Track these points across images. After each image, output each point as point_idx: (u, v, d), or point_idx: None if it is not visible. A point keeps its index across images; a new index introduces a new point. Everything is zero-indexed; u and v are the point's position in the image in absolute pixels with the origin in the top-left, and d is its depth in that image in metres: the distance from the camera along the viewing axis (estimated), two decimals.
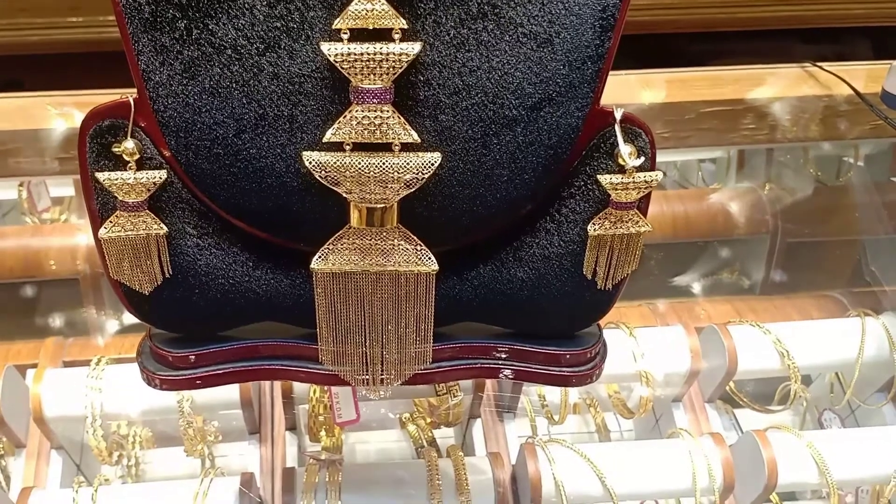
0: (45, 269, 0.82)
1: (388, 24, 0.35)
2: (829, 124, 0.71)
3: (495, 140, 0.38)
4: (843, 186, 0.88)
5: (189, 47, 0.36)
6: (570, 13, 0.36)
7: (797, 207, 0.87)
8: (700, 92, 0.69)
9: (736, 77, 0.71)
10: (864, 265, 0.82)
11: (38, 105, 0.68)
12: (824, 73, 0.71)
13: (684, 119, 0.69)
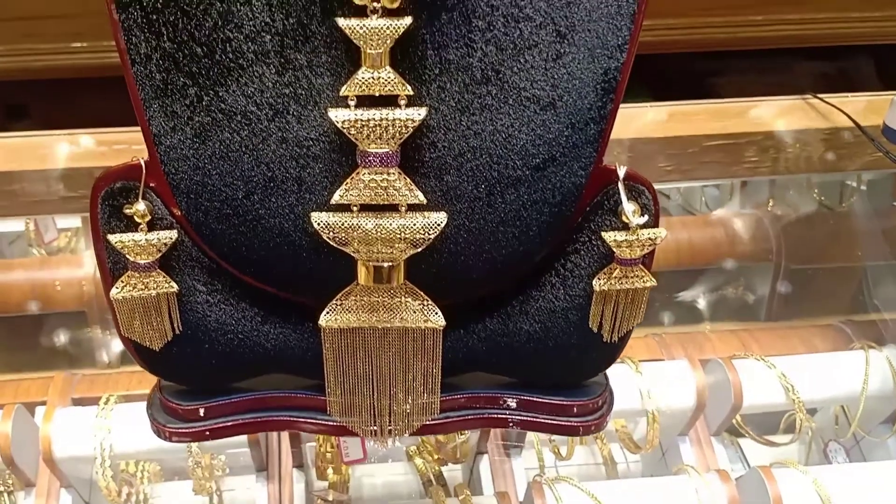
0: (53, 302, 0.83)
1: (394, 90, 0.35)
2: (832, 156, 0.71)
3: (500, 199, 0.38)
4: (847, 212, 0.89)
5: (200, 113, 0.37)
6: (572, 77, 0.37)
7: (801, 233, 0.87)
8: (702, 125, 0.69)
9: (738, 110, 0.71)
10: (867, 292, 0.83)
11: (45, 143, 0.69)
12: (825, 104, 0.71)
13: (687, 153, 0.69)
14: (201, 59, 0.36)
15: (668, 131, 0.68)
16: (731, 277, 0.89)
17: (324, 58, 0.36)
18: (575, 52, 0.36)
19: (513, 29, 0.36)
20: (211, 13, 0.35)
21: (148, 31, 0.36)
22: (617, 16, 0.36)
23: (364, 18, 0.34)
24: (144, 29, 0.36)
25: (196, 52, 0.36)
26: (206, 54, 0.36)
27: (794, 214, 0.89)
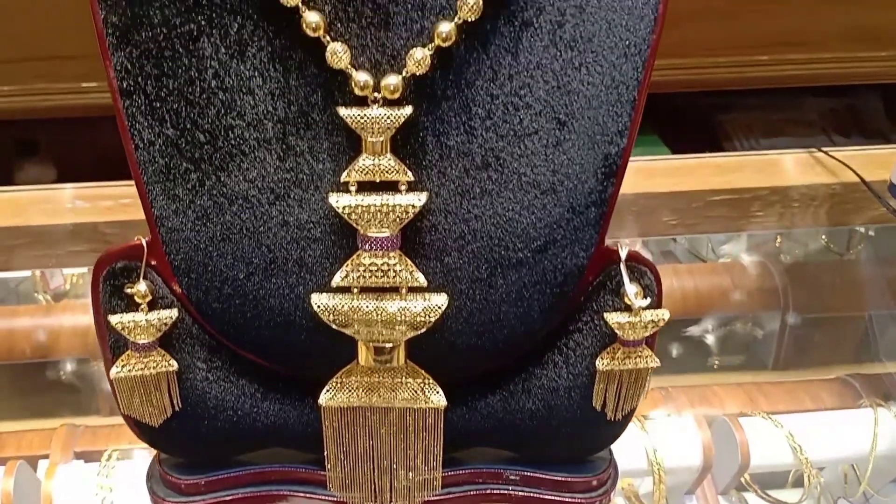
0: (57, 350, 0.83)
1: (395, 177, 0.36)
2: (838, 211, 0.71)
3: (501, 280, 0.38)
4: (855, 259, 0.88)
5: (202, 197, 0.37)
6: (572, 163, 0.37)
7: (809, 281, 0.86)
8: (707, 180, 0.69)
9: (743, 164, 0.71)
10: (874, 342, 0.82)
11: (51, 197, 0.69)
12: (831, 158, 0.71)
13: (692, 207, 0.69)
14: (204, 145, 0.36)
15: (673, 186, 0.68)
16: (738, 325, 0.88)
17: (325, 144, 0.36)
18: (575, 138, 0.36)
19: (513, 116, 0.36)
20: (214, 102, 0.35)
21: (151, 118, 0.36)
22: (617, 103, 0.36)
23: (365, 108, 0.35)
24: (148, 116, 0.36)
25: (199, 139, 0.36)
26: (209, 141, 0.36)
27: (802, 262, 0.89)
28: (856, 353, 0.88)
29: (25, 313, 0.86)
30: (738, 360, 0.99)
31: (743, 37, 1.02)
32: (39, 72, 0.98)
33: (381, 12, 0.34)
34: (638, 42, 0.36)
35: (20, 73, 0.97)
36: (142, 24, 0.35)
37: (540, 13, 0.35)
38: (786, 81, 1.10)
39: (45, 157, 1.15)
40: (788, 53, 1.06)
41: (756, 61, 1.08)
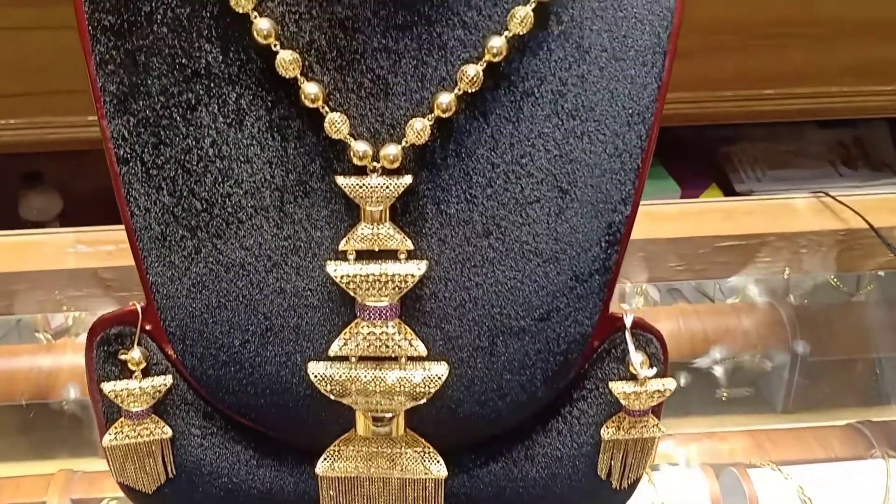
0: (56, 392, 0.82)
1: (394, 245, 0.35)
2: (846, 256, 0.70)
3: (503, 349, 0.37)
4: (864, 301, 0.87)
5: (197, 265, 0.36)
6: (575, 231, 0.36)
7: (818, 323, 0.85)
8: (714, 226, 0.68)
9: (750, 209, 0.71)
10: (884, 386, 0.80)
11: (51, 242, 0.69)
12: (839, 203, 0.70)
13: (698, 253, 0.68)
14: (200, 212, 0.35)
15: (680, 231, 0.67)
16: (747, 357, 0.87)
17: (323, 212, 0.35)
18: (577, 207, 0.36)
19: (514, 185, 0.35)
20: (211, 170, 0.35)
21: (148, 185, 0.36)
22: (620, 172, 0.35)
23: (364, 177, 0.34)
24: (144, 183, 0.36)
25: (195, 207, 0.35)
26: (206, 208, 0.35)
27: (811, 303, 0.87)
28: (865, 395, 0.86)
29: (25, 352, 0.85)
30: (747, 391, 0.98)
31: (749, 71, 1.02)
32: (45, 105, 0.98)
33: (380, 83, 0.34)
34: (641, 110, 0.35)
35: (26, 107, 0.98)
36: (140, 92, 0.34)
37: (541, 83, 0.34)
38: (793, 115, 1.10)
39: (49, 188, 1.15)
40: (795, 87, 1.05)
41: (763, 95, 1.07)
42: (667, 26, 0.34)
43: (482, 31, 0.33)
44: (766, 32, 0.99)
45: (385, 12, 0.33)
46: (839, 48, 1.01)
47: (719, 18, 0.96)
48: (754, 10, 0.97)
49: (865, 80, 1.05)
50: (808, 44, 1.00)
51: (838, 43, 1.00)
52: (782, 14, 0.98)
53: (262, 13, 0.33)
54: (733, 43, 0.98)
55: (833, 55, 1.01)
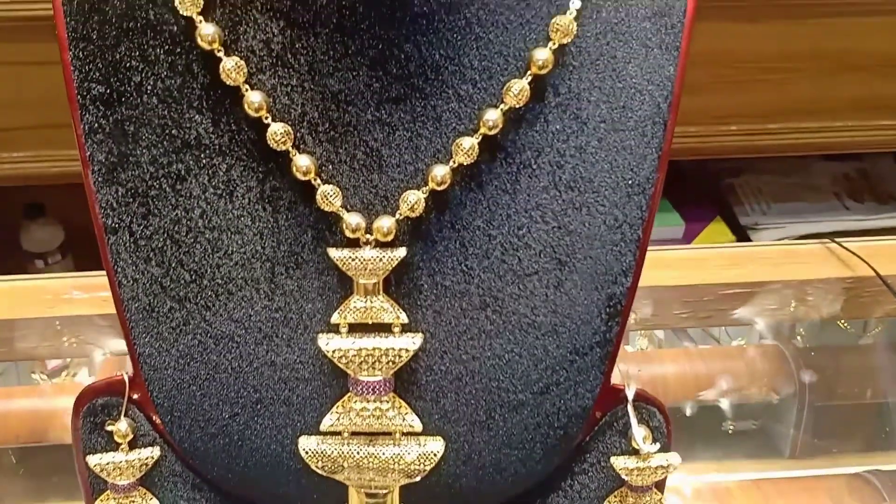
0: (51, 434, 0.81)
1: (388, 319, 0.34)
2: (853, 304, 0.68)
3: (501, 423, 0.36)
4: (873, 344, 0.85)
5: (186, 336, 0.35)
6: (574, 304, 0.35)
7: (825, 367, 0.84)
8: (719, 273, 0.67)
9: (756, 256, 0.69)
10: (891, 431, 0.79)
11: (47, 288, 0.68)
12: (846, 250, 0.69)
13: (703, 300, 0.67)
14: (189, 284, 0.35)
15: (685, 278, 0.66)
16: (752, 412, 0.85)
17: (315, 283, 0.34)
18: (577, 279, 0.35)
19: (511, 257, 0.34)
20: (200, 241, 0.34)
21: (136, 255, 0.35)
22: (620, 243, 0.35)
23: (357, 249, 0.33)
24: (132, 253, 0.35)
25: (184, 278, 0.35)
26: (195, 280, 0.35)
27: (818, 345, 0.86)
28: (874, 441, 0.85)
29: (20, 394, 0.84)
30: (753, 424, 0.96)
31: (753, 105, 1.01)
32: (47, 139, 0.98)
33: (373, 155, 0.33)
34: (641, 181, 0.34)
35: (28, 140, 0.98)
36: (129, 162, 0.34)
37: (539, 154, 0.33)
38: (798, 150, 1.09)
39: (51, 220, 1.15)
40: (800, 122, 1.05)
41: (767, 129, 1.06)
42: (667, 96, 0.34)
43: (477, 104, 0.32)
44: (771, 66, 0.99)
45: (378, 85, 0.32)
46: (844, 82, 1.00)
47: (724, 52, 0.96)
48: (759, 44, 0.97)
49: (871, 115, 1.04)
50: (814, 78, 0.99)
51: (843, 77, 1.00)
52: (787, 48, 0.97)
53: (253, 86, 0.32)
54: (738, 77, 0.98)
55: (838, 89, 1.01)
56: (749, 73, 0.98)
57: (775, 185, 1.23)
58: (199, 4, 0.31)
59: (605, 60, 0.33)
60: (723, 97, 1.00)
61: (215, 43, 0.31)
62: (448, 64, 0.32)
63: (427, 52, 0.31)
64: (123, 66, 0.33)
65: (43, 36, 0.88)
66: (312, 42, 0.31)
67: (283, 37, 0.32)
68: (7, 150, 0.98)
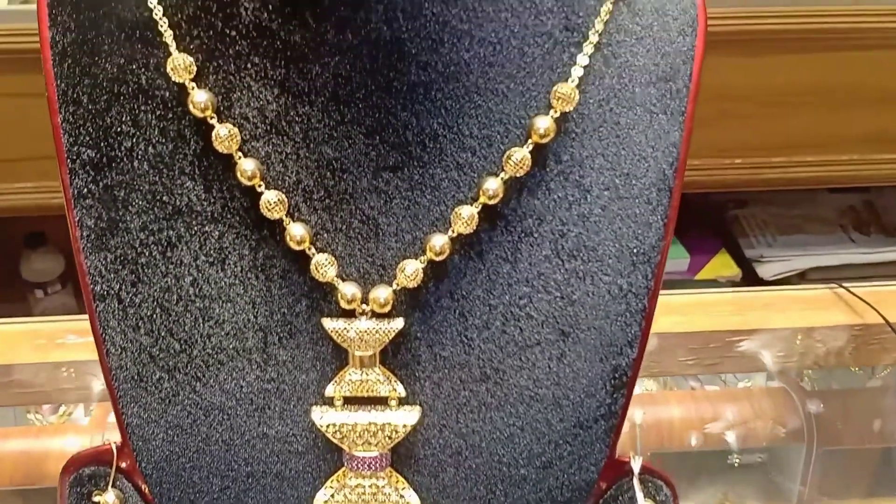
0: (46, 477, 0.79)
1: (384, 392, 0.33)
2: (863, 351, 0.67)
3: (502, 498, 0.35)
4: (882, 386, 0.84)
5: (175, 407, 0.34)
6: (578, 376, 0.34)
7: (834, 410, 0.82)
8: (725, 319, 0.66)
9: (763, 301, 0.68)
10: None
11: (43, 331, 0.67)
12: (854, 296, 0.68)
13: (709, 347, 0.66)
14: (178, 354, 0.33)
15: (690, 325, 0.65)
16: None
17: (309, 354, 0.33)
18: (580, 350, 0.33)
19: (512, 327, 0.33)
20: (191, 310, 0.33)
21: (125, 323, 0.34)
22: (625, 313, 0.33)
23: (352, 320, 0.32)
24: (121, 321, 0.34)
25: (173, 347, 0.33)
26: (184, 349, 0.33)
27: (827, 388, 0.84)
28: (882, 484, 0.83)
29: (16, 435, 0.83)
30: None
31: (757, 139, 1.01)
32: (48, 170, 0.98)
33: (370, 223, 0.32)
34: (647, 250, 0.33)
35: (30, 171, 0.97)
36: (118, 229, 0.33)
37: (540, 223, 0.32)
38: (802, 183, 1.08)
39: (51, 249, 1.14)
40: (804, 155, 1.04)
41: (771, 163, 1.06)
42: (672, 162, 0.33)
43: (477, 172, 0.31)
44: (776, 100, 0.98)
45: (375, 153, 0.31)
46: (849, 116, 1.00)
47: (728, 86, 0.95)
48: (764, 78, 0.96)
49: (876, 148, 1.04)
50: (818, 112, 0.99)
51: (848, 111, 0.99)
52: (792, 82, 0.97)
53: (246, 153, 0.31)
54: (742, 110, 0.97)
55: (843, 123, 1.00)
56: (754, 107, 0.97)
57: (780, 216, 1.22)
58: (191, 71, 0.31)
59: (609, 127, 0.32)
60: (727, 131, 0.99)
61: (208, 110, 0.31)
62: (447, 132, 0.31)
63: (425, 120, 0.30)
64: (114, 131, 0.32)
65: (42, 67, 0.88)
66: (307, 110, 0.31)
67: (278, 104, 0.31)
68: (8, 180, 0.98)
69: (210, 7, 0.30)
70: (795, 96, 0.98)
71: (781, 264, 1.16)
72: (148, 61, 0.31)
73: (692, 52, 0.33)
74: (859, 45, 0.95)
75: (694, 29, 0.33)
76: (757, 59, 0.94)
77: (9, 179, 0.97)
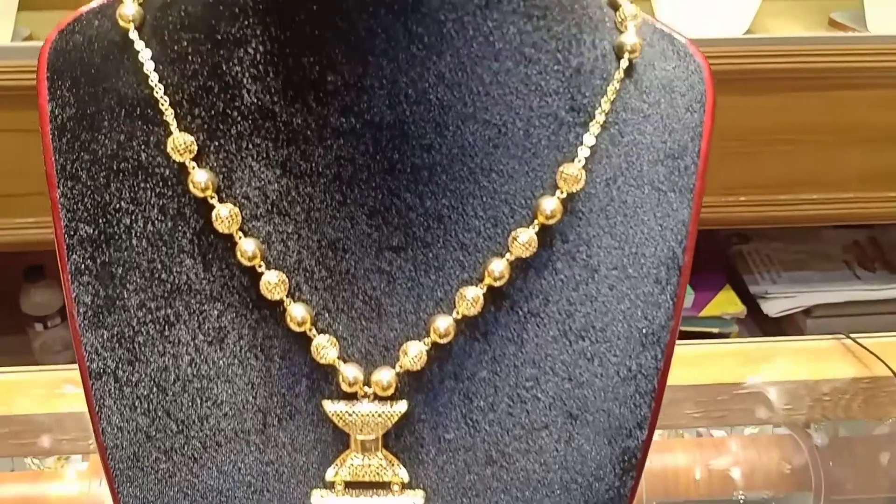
0: None
1: (387, 477, 0.32)
2: (871, 403, 0.66)
3: None
4: (890, 432, 0.82)
5: (171, 489, 0.33)
6: (586, 459, 0.33)
7: (842, 457, 0.81)
8: (732, 371, 0.65)
9: (769, 353, 0.67)
10: None
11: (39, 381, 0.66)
12: (861, 347, 0.67)
13: (716, 399, 0.65)
14: (176, 434, 0.33)
15: (697, 377, 0.64)
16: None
17: (309, 436, 0.32)
18: (589, 433, 0.32)
19: (519, 410, 0.32)
20: (188, 389, 0.32)
21: (121, 402, 0.33)
22: (635, 395, 0.33)
23: (354, 403, 0.31)
24: (117, 400, 0.33)
25: (170, 428, 0.33)
26: (181, 430, 0.33)
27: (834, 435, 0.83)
28: None
29: (13, 480, 0.82)
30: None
31: (761, 177, 1.00)
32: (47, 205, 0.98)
33: (372, 304, 0.31)
34: (656, 330, 0.32)
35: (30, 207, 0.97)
36: (115, 306, 0.32)
37: (547, 303, 0.31)
38: (806, 220, 1.08)
39: (51, 283, 1.14)
40: (808, 193, 1.04)
41: (775, 201, 1.05)
42: (681, 240, 0.32)
43: (482, 253, 0.31)
44: (779, 138, 0.98)
45: (378, 234, 0.30)
46: (852, 154, 0.99)
47: (731, 125, 0.95)
48: (767, 116, 0.96)
49: (879, 186, 1.03)
50: (821, 150, 0.98)
51: (851, 149, 0.99)
52: (795, 121, 0.97)
53: (247, 232, 0.31)
54: (746, 149, 0.97)
55: (846, 161, 1.00)
56: (757, 145, 0.97)
57: (785, 252, 1.22)
58: (192, 150, 0.30)
59: (616, 206, 0.31)
60: (731, 169, 0.99)
61: (208, 190, 0.30)
62: (451, 213, 0.30)
63: (429, 201, 0.30)
64: (113, 208, 0.31)
65: None
66: (310, 191, 0.30)
67: (279, 185, 0.30)
68: (9, 216, 0.98)
69: (212, 87, 0.30)
70: (798, 134, 0.97)
71: (787, 301, 1.15)
72: (148, 139, 0.31)
73: (700, 128, 0.32)
74: (861, 84, 0.95)
75: (702, 104, 0.32)
76: (760, 99, 0.94)
77: (9, 215, 0.97)
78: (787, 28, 1.07)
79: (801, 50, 0.90)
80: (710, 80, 0.33)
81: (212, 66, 0.29)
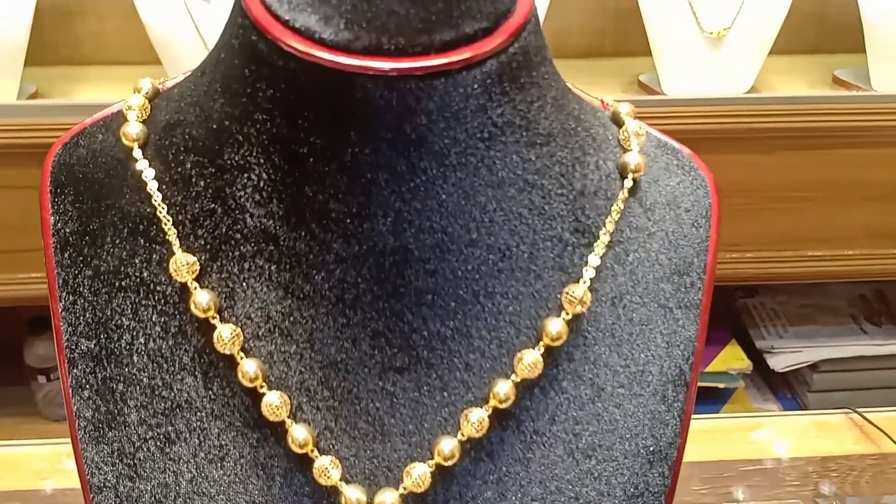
0: None
1: None
2: (880, 479, 0.65)
3: None
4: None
5: None
6: None
7: None
8: (740, 447, 0.64)
9: (776, 429, 0.66)
10: None
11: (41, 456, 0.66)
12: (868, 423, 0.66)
13: (723, 476, 0.64)
14: None
15: (704, 454, 0.63)
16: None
17: None
18: None
19: None
20: None
21: None
22: None
23: None
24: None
25: None
26: None
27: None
28: None
29: None
30: None
31: (766, 233, 1.00)
32: None
33: (376, 424, 0.31)
34: (663, 448, 0.32)
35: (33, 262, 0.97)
36: (116, 422, 0.32)
37: (553, 423, 0.31)
38: (812, 277, 1.07)
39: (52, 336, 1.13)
40: (814, 249, 1.03)
41: (781, 257, 1.05)
42: (688, 357, 0.32)
43: (487, 374, 0.30)
44: (785, 196, 0.98)
45: (381, 356, 0.30)
46: (857, 211, 0.99)
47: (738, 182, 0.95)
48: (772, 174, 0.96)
49: (884, 243, 1.03)
50: (827, 207, 0.98)
51: (856, 206, 0.99)
52: (800, 178, 0.97)
53: (248, 352, 0.30)
54: (752, 205, 0.97)
55: (851, 218, 1.00)
56: (763, 203, 0.97)
57: (791, 305, 1.21)
58: (194, 271, 0.30)
59: (622, 324, 0.31)
60: (737, 226, 0.99)
61: (210, 311, 0.30)
62: (455, 335, 0.30)
63: (433, 324, 0.30)
64: (114, 324, 0.31)
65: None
66: (312, 313, 0.30)
67: (282, 306, 0.30)
68: (12, 271, 0.98)
69: (215, 210, 0.30)
70: (803, 191, 0.98)
71: (793, 356, 1.14)
72: (150, 257, 0.31)
73: (706, 243, 0.32)
74: (865, 143, 0.95)
75: (707, 219, 0.32)
76: (765, 157, 0.95)
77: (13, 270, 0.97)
78: (791, 85, 1.07)
79: (806, 109, 0.90)
80: (716, 193, 0.33)
81: (215, 190, 0.29)
